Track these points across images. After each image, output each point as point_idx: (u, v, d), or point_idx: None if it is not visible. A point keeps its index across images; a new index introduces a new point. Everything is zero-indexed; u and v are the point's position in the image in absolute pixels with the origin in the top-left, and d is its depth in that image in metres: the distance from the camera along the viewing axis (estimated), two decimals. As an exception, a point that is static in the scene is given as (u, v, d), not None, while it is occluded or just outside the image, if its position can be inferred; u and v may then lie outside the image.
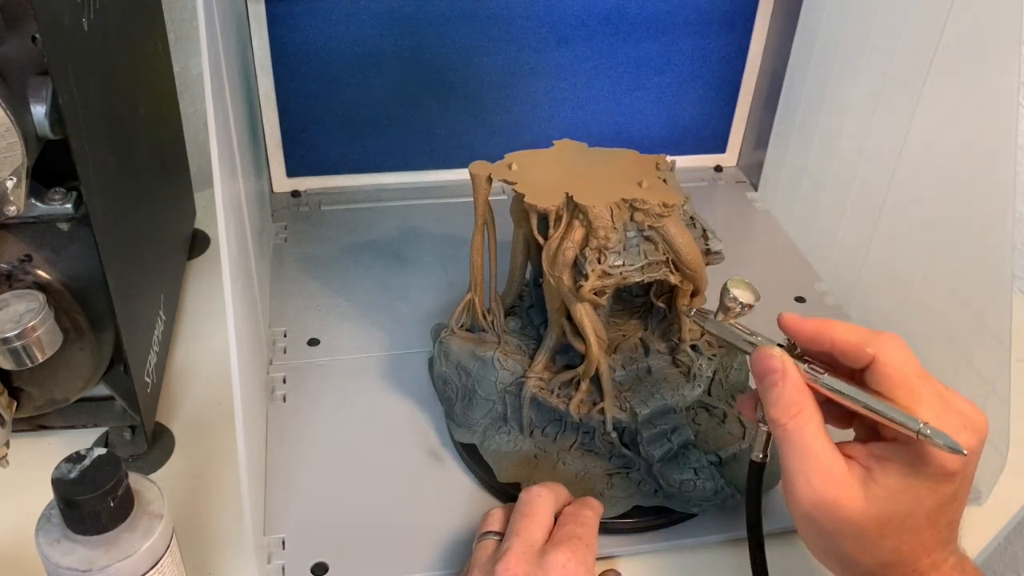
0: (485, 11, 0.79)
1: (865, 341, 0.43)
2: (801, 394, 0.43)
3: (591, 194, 0.53)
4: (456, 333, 0.61)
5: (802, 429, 0.43)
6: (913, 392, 0.42)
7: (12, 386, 0.54)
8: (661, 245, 0.54)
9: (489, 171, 0.56)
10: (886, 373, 0.42)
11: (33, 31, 0.45)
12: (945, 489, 0.42)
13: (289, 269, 0.77)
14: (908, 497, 0.42)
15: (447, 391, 0.61)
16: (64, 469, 0.42)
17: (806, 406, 0.43)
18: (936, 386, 0.42)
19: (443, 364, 0.61)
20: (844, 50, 0.74)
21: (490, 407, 0.59)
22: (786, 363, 0.44)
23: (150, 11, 0.70)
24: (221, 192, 0.46)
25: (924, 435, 0.40)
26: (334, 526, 0.56)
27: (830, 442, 0.43)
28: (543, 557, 0.46)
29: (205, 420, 0.64)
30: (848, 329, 0.44)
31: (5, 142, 0.45)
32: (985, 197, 0.59)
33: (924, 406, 0.41)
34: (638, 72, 0.86)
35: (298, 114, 0.82)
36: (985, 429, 0.42)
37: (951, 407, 0.42)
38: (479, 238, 0.59)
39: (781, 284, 0.78)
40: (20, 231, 0.51)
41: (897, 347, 0.43)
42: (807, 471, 0.42)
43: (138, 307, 0.58)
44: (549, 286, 0.55)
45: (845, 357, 0.44)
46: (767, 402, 0.44)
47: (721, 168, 0.95)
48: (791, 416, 0.43)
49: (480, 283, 0.60)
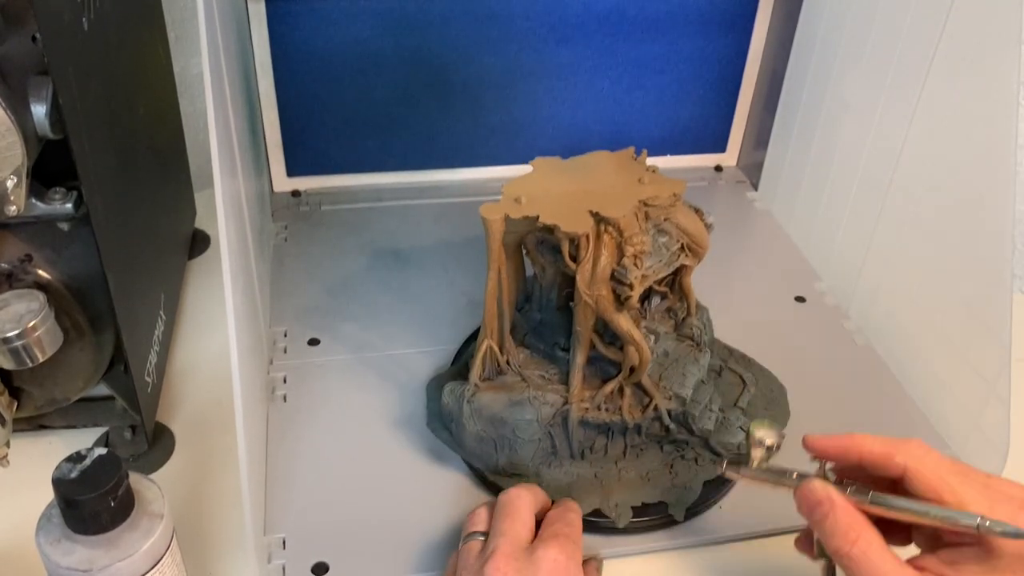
0: (485, 11, 0.79)
1: (892, 451, 0.43)
2: (855, 519, 0.43)
3: (607, 204, 0.52)
4: (481, 388, 0.57)
5: (867, 553, 0.42)
6: (956, 492, 0.42)
7: (12, 386, 0.54)
8: (675, 233, 0.54)
9: (503, 212, 0.53)
10: (922, 479, 0.42)
11: (33, 31, 0.45)
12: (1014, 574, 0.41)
13: (289, 269, 0.77)
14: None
15: (482, 448, 0.57)
16: (64, 469, 0.42)
17: (864, 530, 0.43)
18: (977, 478, 0.42)
19: (475, 423, 0.56)
20: (844, 50, 0.74)
21: (535, 446, 0.57)
22: (830, 492, 0.44)
23: (150, 11, 0.70)
24: (221, 192, 0.46)
25: (984, 528, 0.40)
26: (334, 526, 0.56)
27: (899, 561, 0.42)
28: (532, 554, 0.47)
29: (205, 420, 0.64)
30: (873, 441, 0.44)
31: (5, 142, 0.45)
32: (985, 197, 0.59)
33: (971, 503, 0.41)
34: (638, 72, 0.86)
35: (298, 114, 0.82)
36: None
37: (998, 493, 0.42)
38: (495, 282, 0.55)
39: (781, 284, 0.78)
40: (20, 231, 0.51)
41: (923, 453, 0.43)
42: None
43: (138, 307, 0.58)
44: (584, 307, 0.53)
45: (876, 469, 0.44)
46: (824, 535, 0.44)
47: (721, 168, 0.95)
48: (852, 543, 0.42)
49: (495, 328, 0.57)
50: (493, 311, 0.56)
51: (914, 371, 0.68)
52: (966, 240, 0.61)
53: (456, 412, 0.57)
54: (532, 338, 0.60)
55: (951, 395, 0.63)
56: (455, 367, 0.65)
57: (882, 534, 0.43)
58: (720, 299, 0.70)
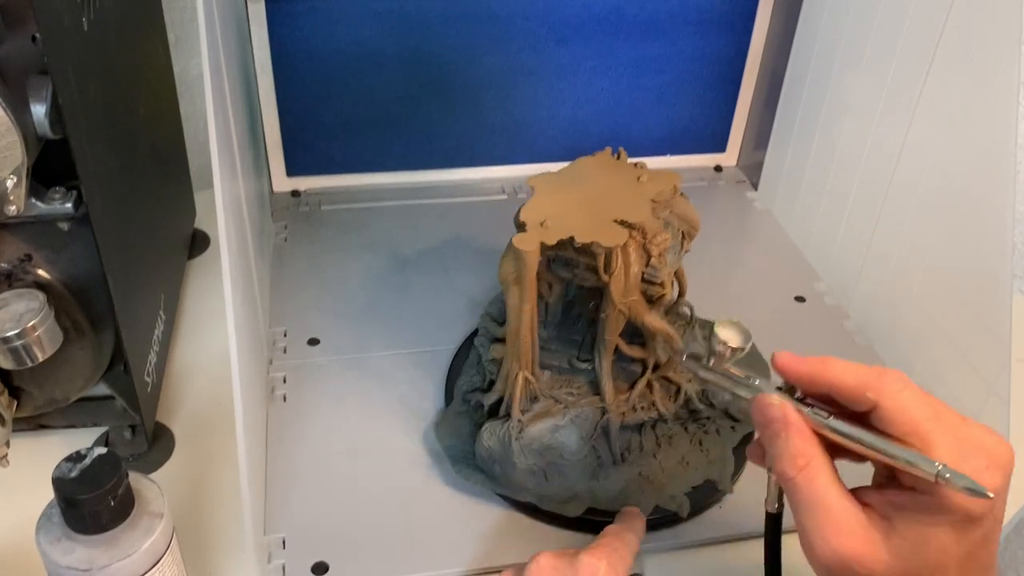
0: (485, 11, 0.79)
1: (865, 384, 0.40)
2: (807, 443, 0.40)
3: (625, 209, 0.52)
4: (525, 422, 0.55)
5: (812, 481, 0.40)
6: (924, 437, 0.38)
7: (12, 385, 0.54)
8: (677, 223, 0.54)
9: (537, 241, 0.50)
10: (892, 419, 0.39)
11: (33, 31, 0.45)
12: (973, 535, 0.38)
13: (289, 269, 0.77)
14: (934, 548, 0.38)
15: (534, 482, 0.56)
16: (64, 468, 0.42)
17: (814, 456, 0.40)
18: (951, 424, 0.39)
19: (527, 458, 0.55)
20: (844, 50, 0.74)
21: (583, 463, 0.56)
22: (787, 411, 0.41)
23: (150, 11, 0.70)
24: (221, 192, 0.46)
25: (943, 479, 0.37)
26: (334, 526, 0.56)
27: (845, 493, 0.40)
28: (575, 558, 0.47)
29: (205, 420, 0.64)
30: (846, 370, 0.41)
31: (5, 141, 0.45)
32: (985, 197, 0.59)
33: (939, 449, 0.38)
34: (638, 72, 0.86)
35: (298, 114, 0.82)
36: (1011, 462, 0.38)
37: (970, 444, 0.38)
38: (531, 314, 0.53)
39: (781, 284, 0.78)
40: (20, 230, 0.51)
41: (900, 388, 0.39)
42: (822, 527, 0.39)
43: (138, 306, 0.58)
44: (617, 315, 0.53)
45: (845, 401, 0.41)
46: (772, 454, 0.42)
47: (721, 168, 0.95)
48: (799, 468, 0.40)
49: (531, 359, 0.55)
50: (528, 342, 0.54)
51: (914, 371, 0.67)
52: (966, 240, 0.61)
53: (503, 452, 0.55)
54: (545, 356, 0.59)
55: (951, 395, 0.63)
56: (457, 406, 0.62)
57: (839, 454, 0.41)
58: (720, 299, 0.71)
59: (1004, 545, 0.90)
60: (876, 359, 0.71)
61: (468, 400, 0.61)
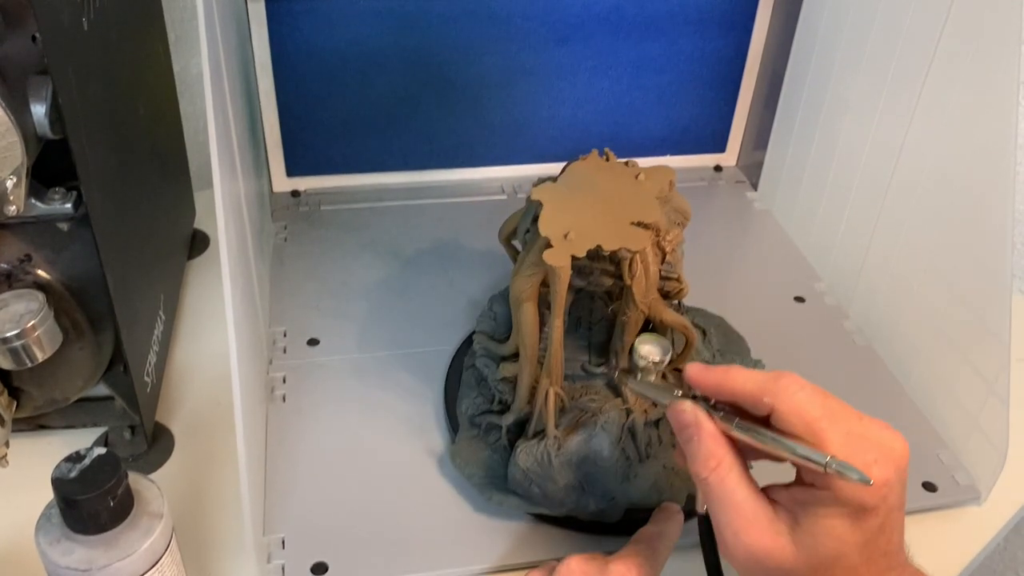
0: (485, 11, 0.79)
1: (761, 390, 0.42)
2: (718, 445, 0.43)
3: (637, 210, 0.52)
4: (561, 437, 0.55)
5: (723, 480, 0.42)
6: (818, 433, 0.40)
7: (12, 386, 0.54)
8: (674, 216, 0.55)
9: (567, 255, 0.50)
10: (788, 420, 0.41)
11: (33, 31, 0.45)
12: (868, 524, 0.41)
13: (289, 269, 0.77)
14: (832, 538, 0.41)
15: (574, 496, 0.55)
16: (64, 469, 0.42)
17: (724, 457, 0.43)
18: (844, 421, 0.41)
19: (567, 473, 0.54)
20: (844, 50, 0.74)
21: (615, 467, 0.55)
22: (699, 416, 0.44)
23: (150, 11, 0.70)
24: (221, 192, 0.46)
25: (831, 469, 0.39)
26: (334, 526, 0.56)
27: (754, 491, 0.42)
28: (607, 565, 0.47)
29: (205, 420, 0.64)
30: (747, 379, 0.43)
31: (5, 141, 0.45)
32: (985, 197, 0.59)
33: (832, 445, 0.40)
34: (638, 72, 0.86)
35: (298, 114, 0.82)
36: (904, 457, 0.41)
37: (863, 440, 0.40)
38: (561, 329, 0.53)
39: (781, 284, 0.78)
40: (20, 231, 0.51)
41: (794, 391, 0.41)
42: (733, 524, 0.42)
43: (138, 307, 0.58)
44: (637, 315, 0.54)
45: (748, 407, 0.43)
46: (688, 457, 0.44)
47: (721, 168, 0.95)
48: (711, 469, 0.43)
49: (560, 374, 0.55)
50: (559, 357, 0.54)
51: (914, 371, 0.68)
52: (966, 240, 0.61)
53: (542, 472, 0.54)
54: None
55: (951, 395, 0.63)
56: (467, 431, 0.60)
57: (761, 453, 0.43)
58: (720, 299, 0.70)
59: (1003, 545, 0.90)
60: (876, 359, 0.71)
61: (478, 424, 0.59)
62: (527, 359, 0.55)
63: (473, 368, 0.62)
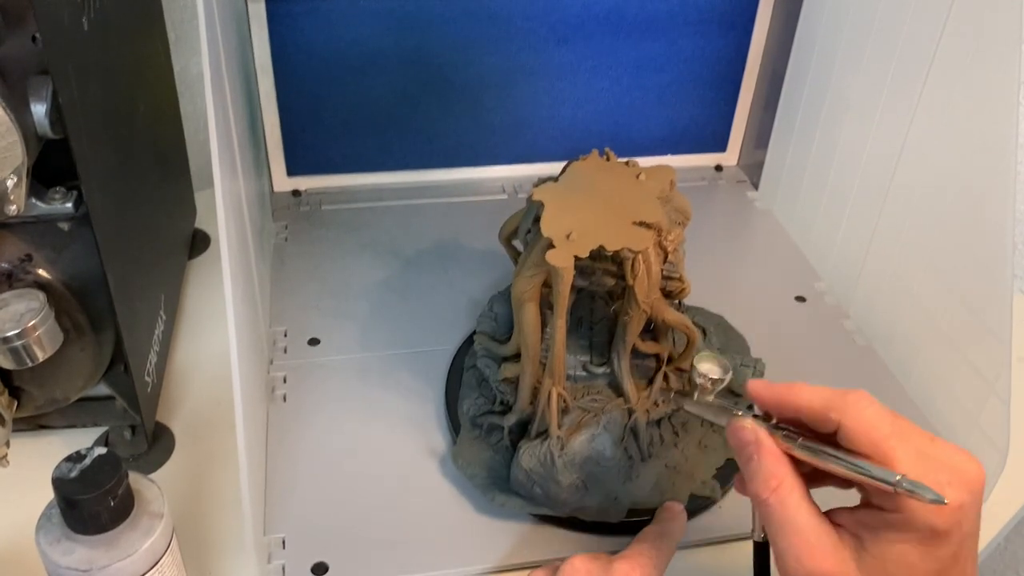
0: (485, 11, 0.79)
1: (829, 406, 0.40)
2: (779, 465, 0.41)
3: (639, 210, 0.52)
4: (564, 437, 0.55)
5: (784, 502, 0.40)
6: (887, 452, 0.38)
7: (12, 385, 0.54)
8: (674, 216, 0.55)
9: (570, 256, 0.50)
10: (855, 438, 0.39)
11: (33, 31, 0.45)
12: (941, 552, 0.38)
13: (289, 269, 0.77)
14: (903, 565, 0.39)
15: (577, 496, 0.55)
16: (64, 468, 0.42)
17: (785, 477, 0.41)
18: (915, 441, 0.39)
19: (571, 473, 0.54)
20: (844, 50, 0.74)
21: (617, 467, 0.55)
22: (759, 434, 0.42)
23: (150, 11, 0.70)
24: (221, 192, 0.46)
25: (902, 488, 0.37)
26: (334, 526, 0.56)
27: (816, 513, 0.40)
28: (611, 565, 0.47)
29: (205, 420, 0.64)
30: (813, 394, 0.41)
31: (5, 141, 0.45)
32: (985, 197, 0.59)
33: (902, 464, 0.38)
34: (638, 72, 0.86)
35: (298, 114, 0.82)
36: (980, 481, 0.38)
37: (934, 462, 0.38)
38: (564, 330, 0.53)
39: (781, 284, 0.78)
40: (20, 231, 0.51)
41: (863, 407, 0.40)
42: (794, 548, 0.40)
43: (138, 307, 0.58)
44: (640, 315, 0.54)
45: (813, 424, 0.41)
46: (747, 477, 0.42)
47: (721, 168, 0.95)
48: (771, 490, 0.41)
49: (563, 374, 0.55)
50: (562, 357, 0.54)
51: (914, 371, 0.68)
52: (966, 240, 0.61)
53: (545, 472, 0.54)
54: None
55: (951, 395, 0.63)
56: (468, 432, 0.60)
57: (828, 477, 0.41)
58: (720, 299, 0.70)
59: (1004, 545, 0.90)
60: (876, 359, 0.71)
61: (479, 425, 0.59)
62: (529, 359, 0.55)
63: (474, 369, 0.62)
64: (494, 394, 0.60)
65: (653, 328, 0.57)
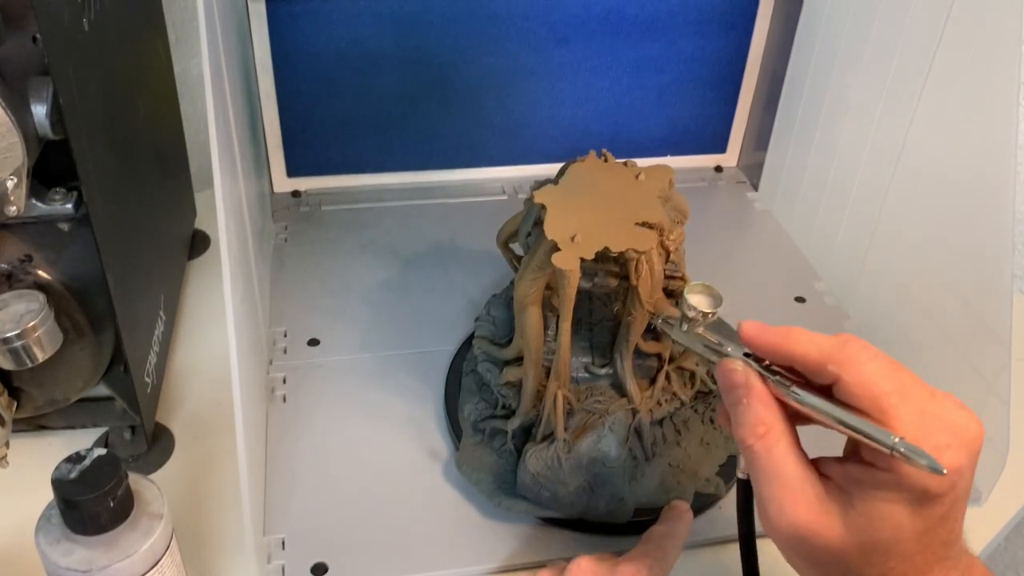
0: (485, 11, 0.79)
1: (826, 356, 0.38)
2: (768, 411, 0.39)
3: (640, 211, 0.53)
4: (570, 440, 0.55)
5: (770, 450, 0.39)
6: (886, 411, 0.37)
7: (12, 386, 0.54)
8: (673, 215, 0.55)
9: (576, 258, 0.49)
10: (854, 392, 0.38)
11: (33, 31, 0.45)
12: (932, 512, 0.37)
13: (289, 269, 0.77)
14: (889, 524, 0.37)
15: (583, 498, 0.55)
16: (64, 469, 0.42)
17: (774, 425, 0.39)
18: (917, 398, 0.37)
19: (577, 476, 0.54)
20: (844, 50, 0.74)
21: (622, 467, 0.55)
22: (750, 377, 0.40)
23: (150, 11, 0.70)
24: (221, 192, 0.46)
25: (899, 453, 0.36)
26: (334, 526, 0.56)
27: (803, 463, 0.39)
28: (617, 566, 0.47)
29: (205, 420, 0.64)
30: (810, 342, 0.39)
31: (6, 142, 0.45)
32: (985, 197, 0.59)
33: (901, 424, 0.36)
34: (638, 72, 0.86)
35: (298, 114, 0.82)
36: (978, 441, 0.37)
37: (935, 420, 0.37)
38: (569, 333, 0.53)
39: (781, 284, 0.78)
40: (20, 231, 0.51)
41: (864, 360, 0.38)
42: (778, 497, 0.38)
43: (138, 307, 0.58)
44: (643, 315, 0.53)
45: (809, 374, 0.40)
46: (733, 421, 0.41)
47: (721, 168, 0.95)
48: (758, 436, 0.39)
49: (568, 376, 0.55)
50: (567, 360, 0.54)
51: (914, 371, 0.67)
52: (966, 240, 0.61)
53: (552, 475, 0.54)
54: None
55: (951, 395, 0.63)
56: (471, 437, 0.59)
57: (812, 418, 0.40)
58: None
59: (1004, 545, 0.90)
60: (876, 359, 0.71)
61: (482, 430, 0.59)
62: (532, 363, 0.55)
63: (474, 373, 0.62)
64: (496, 398, 0.60)
65: (654, 328, 0.57)
